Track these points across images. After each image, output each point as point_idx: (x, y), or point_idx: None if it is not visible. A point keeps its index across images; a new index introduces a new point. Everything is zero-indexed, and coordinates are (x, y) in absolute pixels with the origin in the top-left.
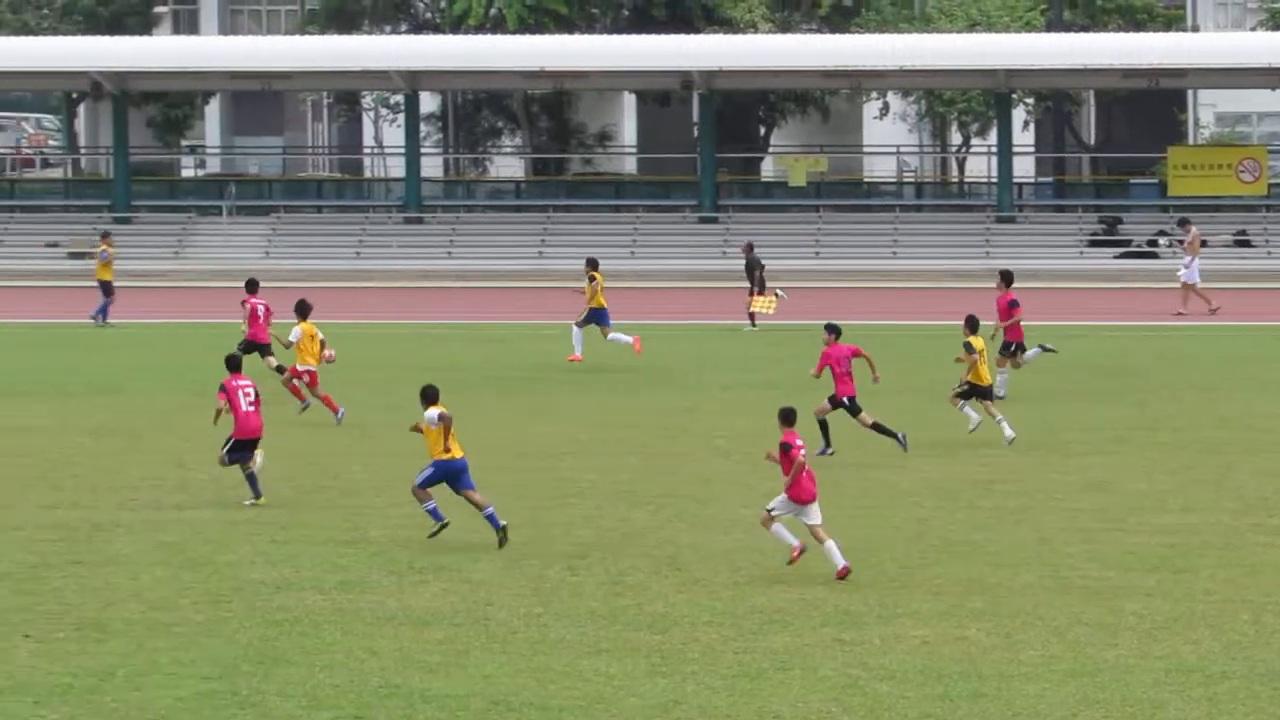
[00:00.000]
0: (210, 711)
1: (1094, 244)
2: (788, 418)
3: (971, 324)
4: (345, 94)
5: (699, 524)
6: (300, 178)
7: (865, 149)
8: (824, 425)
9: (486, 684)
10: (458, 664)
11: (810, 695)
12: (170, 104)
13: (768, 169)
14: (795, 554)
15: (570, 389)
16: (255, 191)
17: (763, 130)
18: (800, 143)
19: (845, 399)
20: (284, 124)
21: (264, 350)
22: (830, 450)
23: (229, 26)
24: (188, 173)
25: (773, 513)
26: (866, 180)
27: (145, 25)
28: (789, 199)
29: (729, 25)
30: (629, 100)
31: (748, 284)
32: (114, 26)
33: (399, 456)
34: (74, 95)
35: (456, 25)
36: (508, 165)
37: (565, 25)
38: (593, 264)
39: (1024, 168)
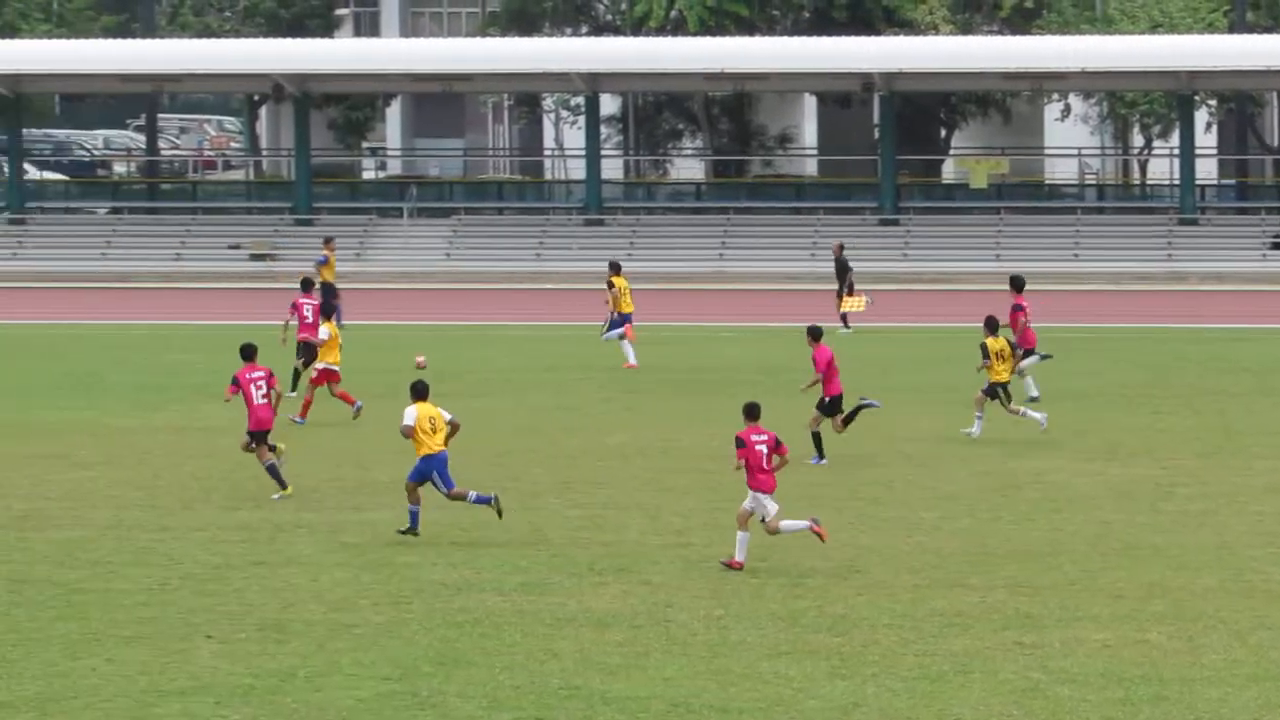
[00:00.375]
0: (390, 712)
1: (1277, 246)
2: (750, 412)
3: (991, 325)
4: (526, 96)
5: (879, 526)
6: (481, 180)
7: (1047, 151)
8: (816, 438)
9: (666, 686)
10: (637, 666)
11: (991, 698)
12: (351, 106)
13: (948, 171)
14: (818, 530)
15: (749, 391)
16: (436, 193)
17: (943, 132)
18: (981, 144)
19: (829, 398)
20: (464, 126)
21: (310, 350)
22: (823, 460)
23: (410, 28)
24: (368, 175)
25: (765, 519)
26: (1048, 182)
27: (327, 27)
28: (970, 201)
29: (909, 27)
30: (810, 102)
31: (836, 285)
32: (295, 29)
33: (579, 458)
34: (256, 97)
35: (637, 27)
36: (688, 167)
37: (746, 27)
38: (615, 269)
39: (1206, 170)
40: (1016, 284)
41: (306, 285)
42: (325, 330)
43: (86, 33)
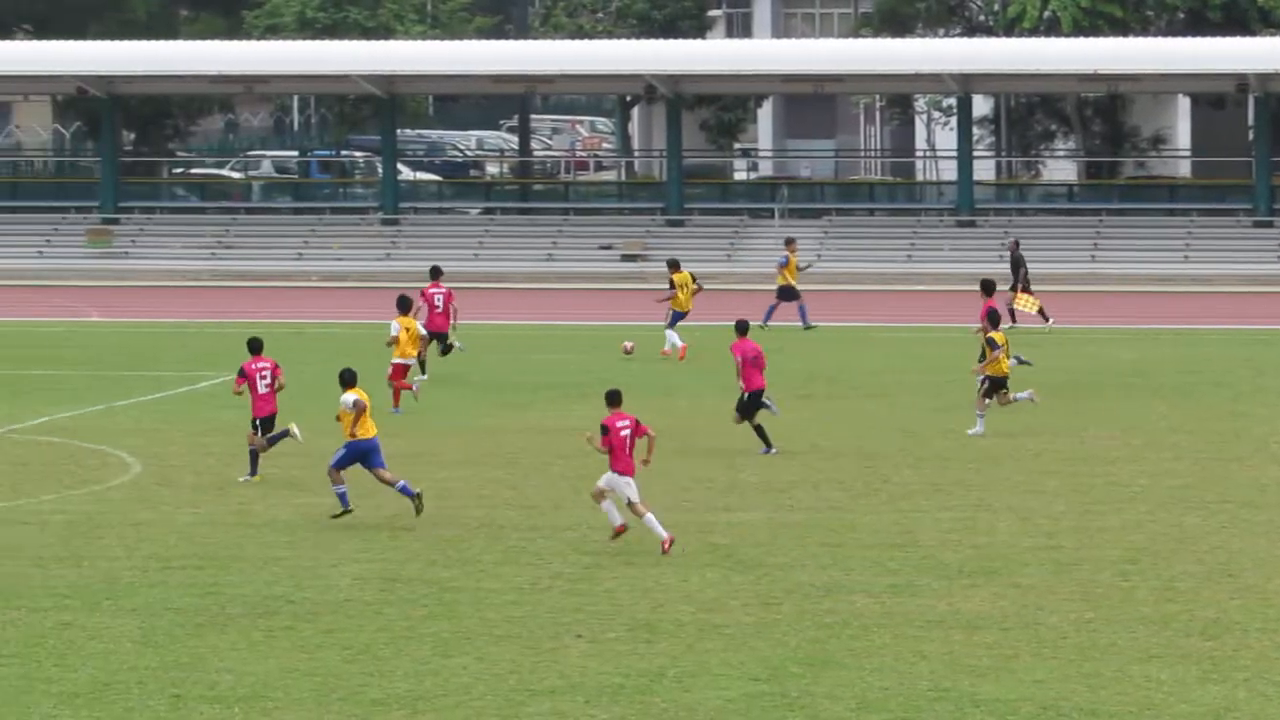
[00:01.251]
0: (758, 713)
1: None
2: (613, 399)
3: (993, 319)
4: (898, 97)
5: (1252, 530)
6: (852, 181)
7: None
8: (759, 429)
9: (1036, 689)
10: (1006, 668)
11: None
12: (723, 107)
13: None
14: (617, 529)
15: (1125, 393)
16: (807, 194)
17: None
18: None
19: (749, 393)
20: (836, 127)
21: (443, 339)
22: (773, 449)
23: (782, 29)
24: (740, 175)
25: (630, 502)
26: None
27: (699, 28)
28: None
29: None
30: (1184, 103)
31: (1012, 281)
32: (668, 30)
33: (950, 460)
34: (628, 98)
35: (1010, 28)
36: (1060, 168)
37: (1119, 28)
38: (674, 266)
39: None
40: (987, 288)
41: (435, 273)
42: (395, 326)
43: (460, 34)
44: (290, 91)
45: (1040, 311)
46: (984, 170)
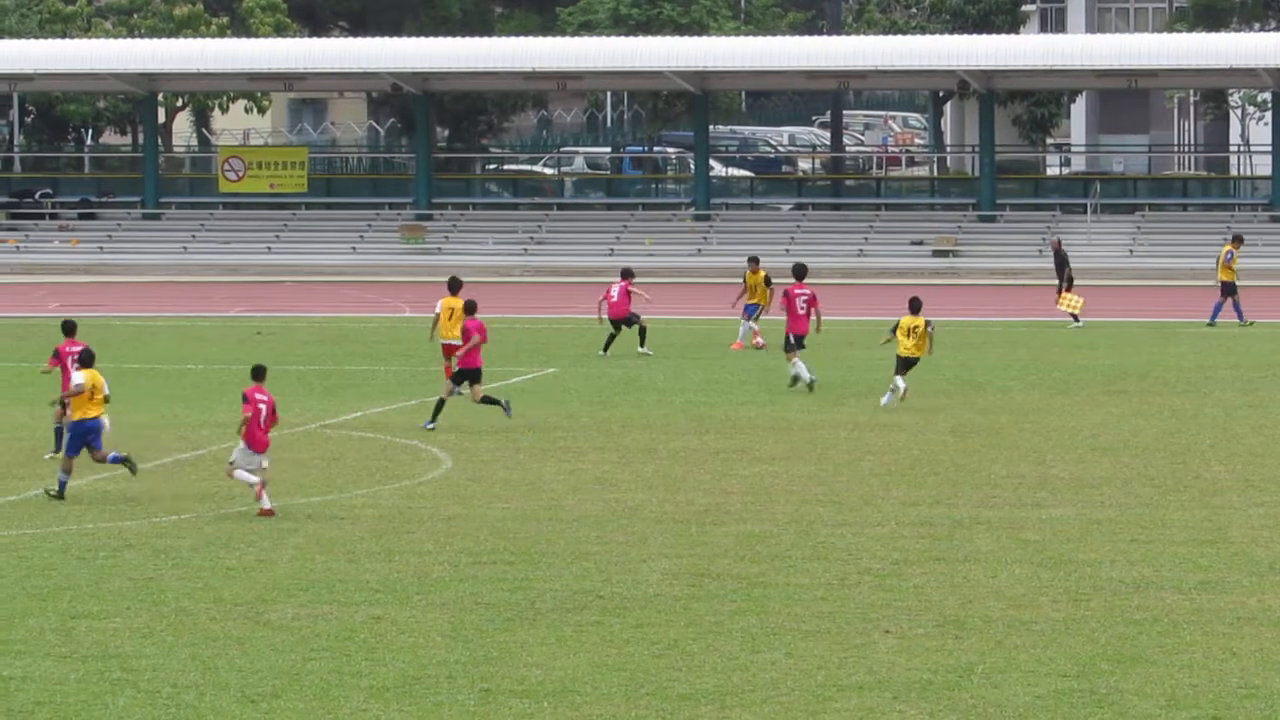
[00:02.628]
0: (1067, 709)
1: None
2: (257, 374)
3: (913, 306)
4: (1211, 91)
5: None
6: (1165, 176)
7: None
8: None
9: None
10: None
11: None
12: (1037, 102)
13: None
14: (258, 491)
15: None
16: (1120, 190)
17: None
18: None
19: (466, 369)
20: (1149, 122)
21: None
22: (432, 425)
23: (1095, 24)
24: (1052, 171)
25: (233, 463)
26: None
27: (1013, 23)
28: None
29: None
30: None
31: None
32: (981, 25)
33: (1263, 456)
34: (941, 94)
35: None
36: None
37: None
38: (754, 262)
39: None
40: (797, 272)
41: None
42: (439, 305)
43: (773, 30)
44: (603, 88)
45: (1074, 315)
46: None
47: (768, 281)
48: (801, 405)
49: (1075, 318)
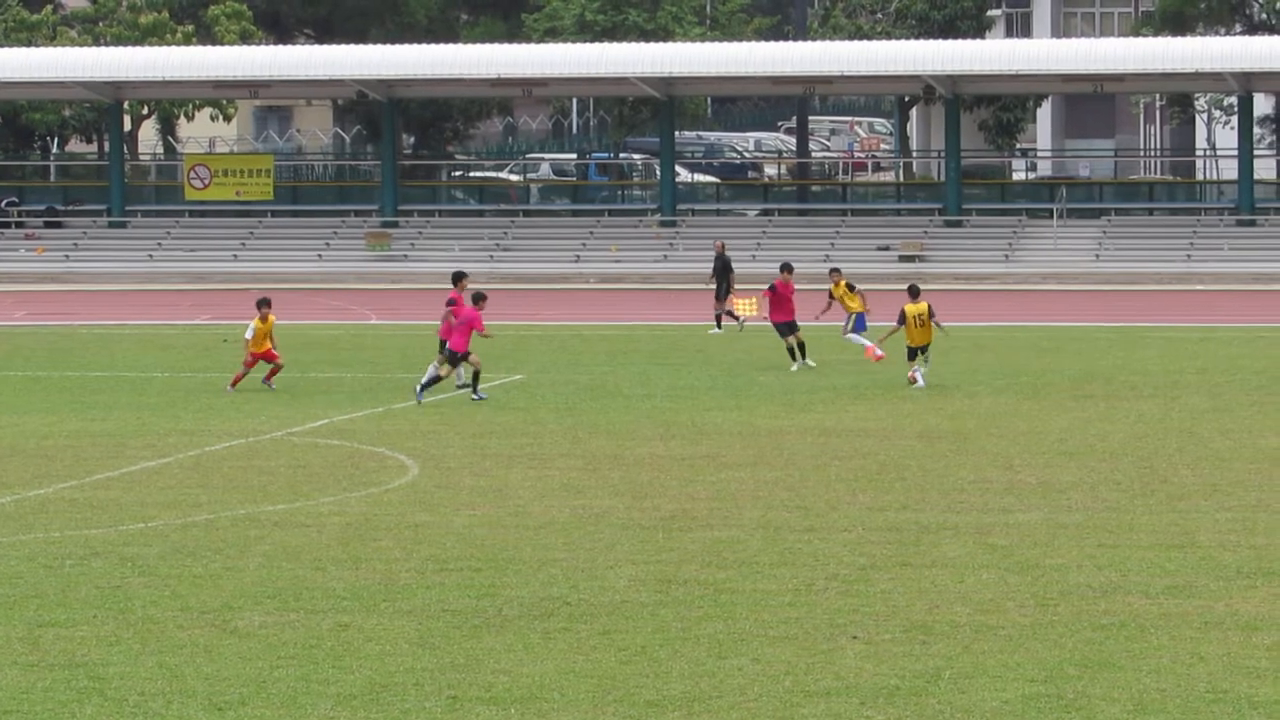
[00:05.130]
0: (1035, 714)
1: None
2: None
3: (912, 292)
4: (1177, 96)
5: None
6: (1131, 180)
7: None
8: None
9: None
10: None
11: None
12: (1003, 107)
13: None
14: None
15: None
16: (1086, 194)
17: None
18: None
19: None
20: (1115, 126)
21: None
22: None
23: (1061, 29)
24: (1018, 176)
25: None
26: None
27: (978, 28)
28: None
29: None
30: None
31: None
32: (947, 30)
33: (1229, 461)
34: (906, 99)
35: None
36: None
37: None
38: (837, 272)
39: None
40: (455, 279)
41: (786, 268)
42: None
43: (739, 35)
44: (569, 94)
45: (734, 315)
46: (1265, 169)
47: (851, 288)
48: (768, 411)
49: (735, 317)
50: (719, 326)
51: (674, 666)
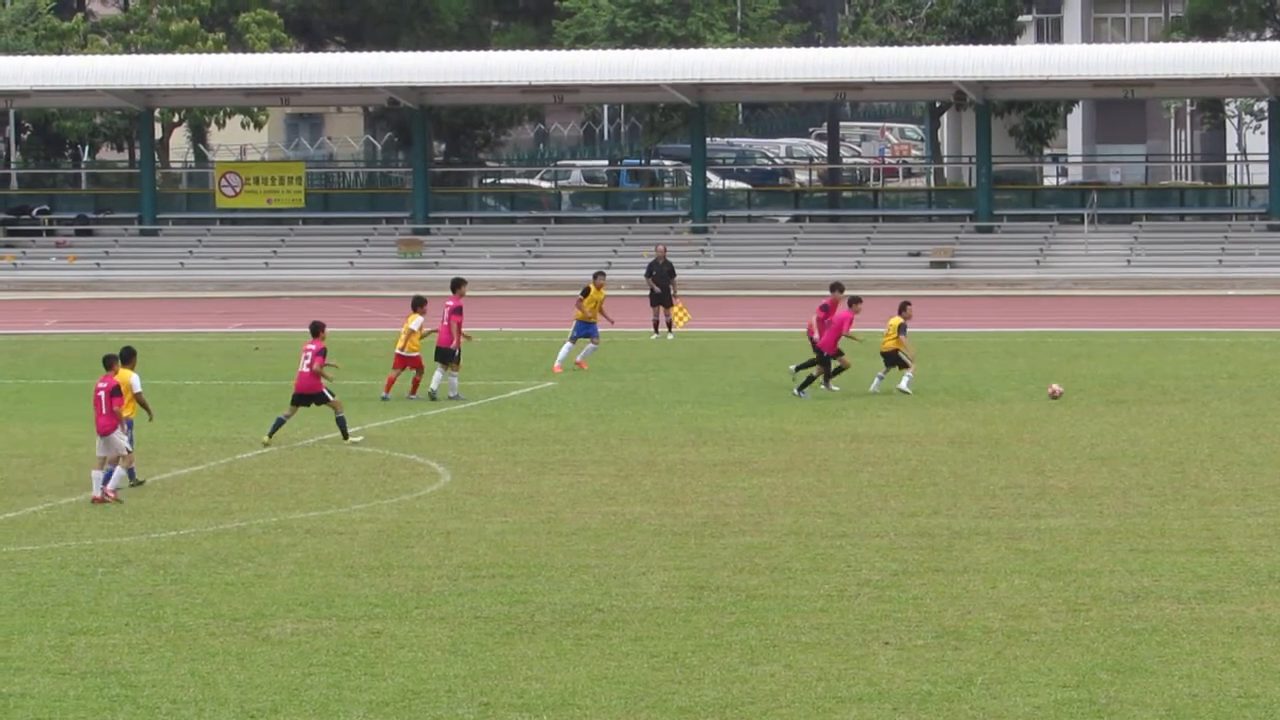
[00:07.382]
0: (1067, 719)
1: None
2: (106, 363)
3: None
4: (1208, 101)
5: None
6: (1162, 186)
7: None
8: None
9: None
10: None
11: None
12: (1033, 113)
13: None
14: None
15: None
16: (1117, 200)
17: None
18: None
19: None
20: (1146, 131)
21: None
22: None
23: (1092, 34)
24: (1049, 181)
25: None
26: None
27: (1009, 34)
28: None
29: None
30: None
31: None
32: (978, 36)
33: (1261, 465)
34: (937, 105)
35: None
36: None
37: None
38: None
39: None
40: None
41: (837, 289)
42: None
43: (770, 42)
44: (600, 101)
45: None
46: None
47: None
48: (799, 417)
49: (670, 326)
50: (660, 331)
51: (706, 673)
